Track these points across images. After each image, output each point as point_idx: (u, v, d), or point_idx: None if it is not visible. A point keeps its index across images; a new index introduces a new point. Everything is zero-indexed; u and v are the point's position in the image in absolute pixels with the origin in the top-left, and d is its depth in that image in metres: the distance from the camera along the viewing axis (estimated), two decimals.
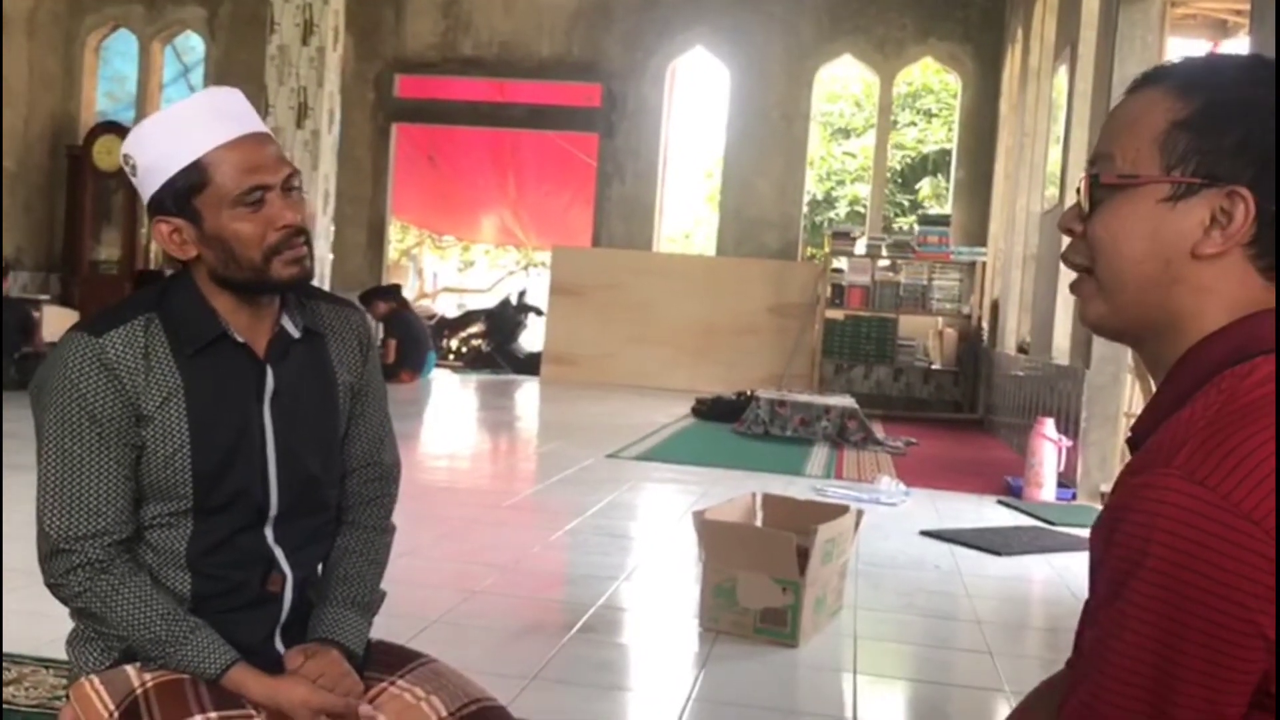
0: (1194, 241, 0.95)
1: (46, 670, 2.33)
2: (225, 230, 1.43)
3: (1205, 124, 0.94)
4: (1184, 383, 0.95)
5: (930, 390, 10.73)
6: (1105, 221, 0.99)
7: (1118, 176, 0.98)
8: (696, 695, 2.56)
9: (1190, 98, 0.95)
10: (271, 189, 1.43)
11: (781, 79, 11.28)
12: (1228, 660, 0.84)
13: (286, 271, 1.46)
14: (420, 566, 3.48)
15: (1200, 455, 0.86)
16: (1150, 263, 0.97)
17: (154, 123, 1.44)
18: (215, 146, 1.41)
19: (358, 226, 11.97)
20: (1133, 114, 0.99)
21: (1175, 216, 0.95)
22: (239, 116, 1.45)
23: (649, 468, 5.94)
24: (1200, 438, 0.87)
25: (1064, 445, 5.50)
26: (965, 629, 3.27)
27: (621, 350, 11.06)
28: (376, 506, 1.64)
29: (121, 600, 1.42)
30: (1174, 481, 0.85)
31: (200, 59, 12.34)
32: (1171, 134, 0.95)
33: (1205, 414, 0.89)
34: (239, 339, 1.49)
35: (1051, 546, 4.38)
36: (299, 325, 1.54)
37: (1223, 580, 0.83)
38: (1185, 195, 0.95)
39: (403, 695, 1.51)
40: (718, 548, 3.03)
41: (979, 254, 10.40)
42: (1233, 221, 0.93)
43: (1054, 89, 8.24)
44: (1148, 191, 0.96)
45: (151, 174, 1.43)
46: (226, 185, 1.41)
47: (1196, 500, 0.84)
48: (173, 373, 1.45)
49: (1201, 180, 0.94)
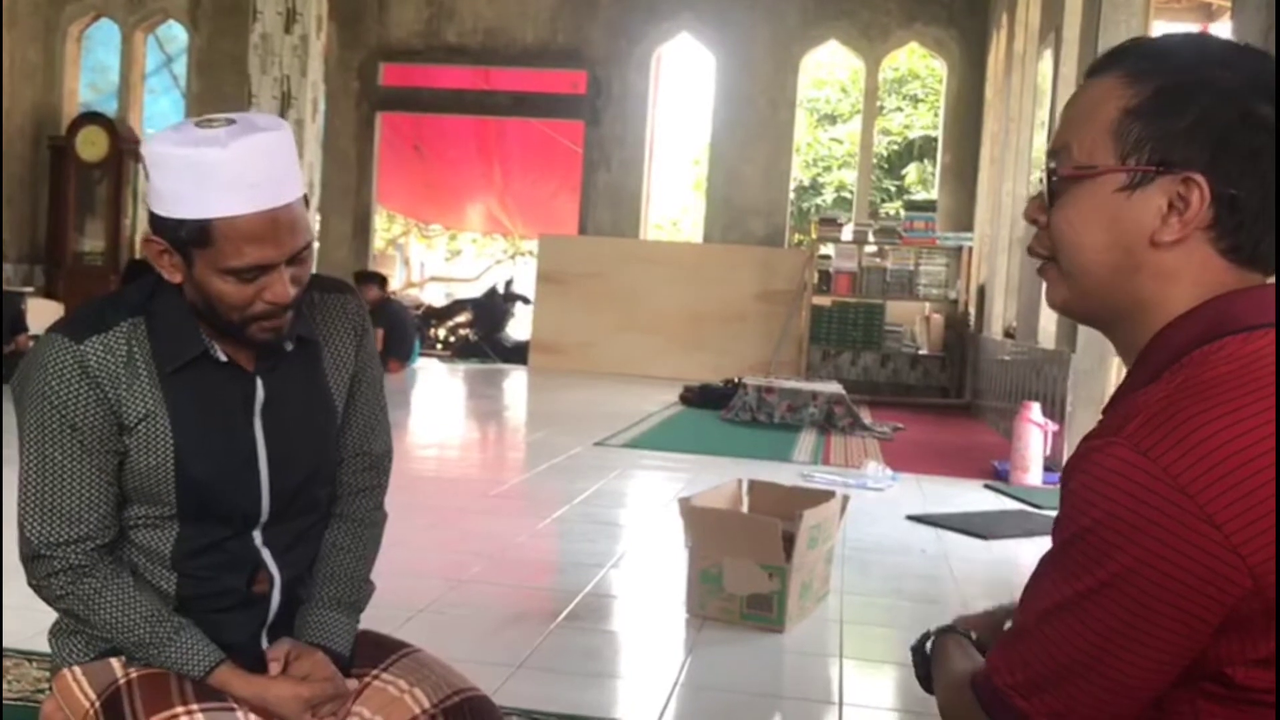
0: (1152, 229, 0.95)
1: (30, 663, 2.32)
2: (211, 287, 1.37)
3: (1157, 110, 0.94)
4: (1153, 364, 0.96)
5: (917, 376, 10.76)
6: (1065, 213, 0.99)
7: (1073, 168, 0.98)
8: (683, 681, 2.56)
9: (1142, 84, 0.95)
10: (274, 266, 1.36)
11: (767, 65, 11.26)
12: (1145, 628, 0.85)
13: (260, 336, 1.41)
14: (407, 555, 3.47)
15: (1149, 427, 0.87)
16: (1111, 252, 0.97)
17: (177, 159, 1.32)
18: (228, 215, 1.32)
19: (343, 216, 11.93)
20: (1087, 104, 0.99)
21: (1132, 205, 0.95)
22: (266, 184, 1.33)
23: (636, 455, 5.95)
24: (1153, 409, 0.88)
25: (1050, 429, 5.52)
26: (952, 613, 3.26)
27: (609, 338, 11.05)
28: (366, 497, 1.61)
29: (104, 603, 1.40)
30: (1119, 450, 0.87)
31: (183, 48, 12.26)
32: (1124, 122, 0.95)
33: (1166, 389, 0.90)
34: (222, 358, 1.44)
35: (1038, 530, 4.39)
36: (292, 335, 1.48)
37: (1151, 549, 0.84)
38: (1141, 184, 0.95)
39: (386, 688, 1.50)
40: (704, 534, 3.04)
41: (965, 239, 10.42)
42: (1189, 207, 0.93)
43: (1039, 74, 8.25)
44: (1104, 182, 0.96)
45: (159, 200, 1.36)
46: (226, 255, 1.34)
47: (1136, 470, 0.85)
48: (154, 386, 1.41)
49: (1156, 167, 0.94)
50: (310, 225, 1.42)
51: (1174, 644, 0.86)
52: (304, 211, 1.40)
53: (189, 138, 1.33)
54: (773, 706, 2.49)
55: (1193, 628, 0.85)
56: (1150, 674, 0.88)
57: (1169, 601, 0.84)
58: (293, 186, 1.37)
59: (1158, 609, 0.85)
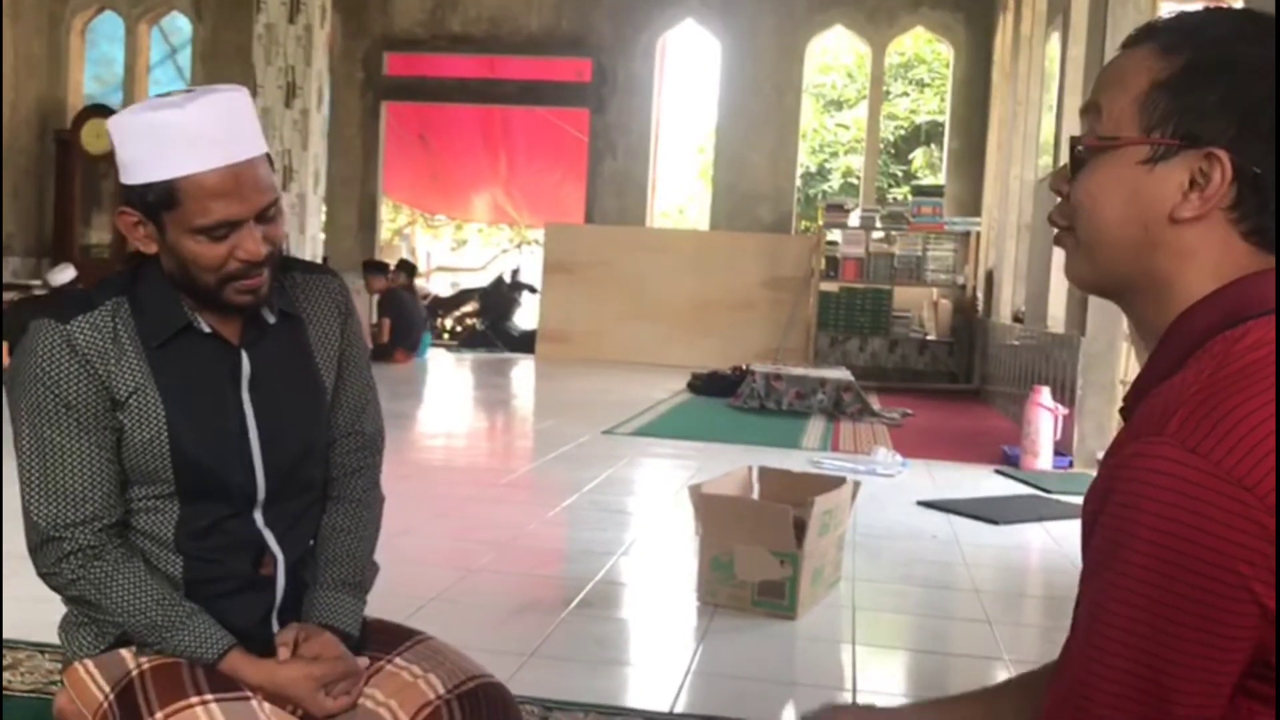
0: (1172, 205, 0.93)
1: (42, 655, 2.33)
2: (184, 250, 1.38)
3: (1185, 84, 0.92)
4: (1175, 350, 0.94)
5: (926, 361, 10.73)
6: (1086, 183, 0.97)
7: (1097, 139, 0.96)
8: (695, 668, 2.56)
9: (1173, 57, 0.93)
10: (242, 222, 1.38)
11: (773, 51, 11.22)
12: (1222, 630, 0.82)
13: (238, 299, 1.42)
14: (417, 545, 3.47)
15: (1193, 422, 0.84)
16: (1129, 226, 0.95)
17: (138, 124, 1.36)
18: (191, 173, 1.34)
19: (349, 207, 11.92)
20: (1118, 74, 0.97)
21: (1153, 179, 0.93)
22: (226, 141, 1.36)
23: (645, 443, 5.94)
24: (1192, 404, 0.85)
25: (1060, 414, 5.50)
26: (963, 598, 3.27)
27: (616, 327, 11.04)
28: (360, 477, 1.61)
29: (116, 586, 1.40)
30: (1166, 450, 0.84)
31: (187, 40, 12.25)
32: (1152, 94, 0.93)
33: (1198, 379, 0.87)
34: (205, 329, 1.45)
35: (1048, 515, 4.38)
36: (274, 309, 1.50)
37: (1216, 548, 0.81)
38: (1164, 157, 0.93)
39: (400, 674, 1.50)
40: (715, 521, 3.03)
41: (973, 224, 10.38)
42: (1210, 183, 0.91)
43: (1046, 57, 8.20)
44: (1127, 153, 0.94)
45: (125, 170, 1.39)
46: (194, 214, 1.36)
47: (1189, 469, 0.82)
48: (141, 361, 1.42)
49: (1180, 142, 0.92)
50: (275, 183, 1.44)
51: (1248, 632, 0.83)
52: (269, 170, 1.43)
53: (148, 105, 1.38)
54: (785, 693, 2.48)
55: (1267, 620, 0.82)
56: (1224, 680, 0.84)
57: (1244, 599, 0.81)
58: (254, 142, 1.40)
59: (1234, 607, 0.82)
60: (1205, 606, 0.82)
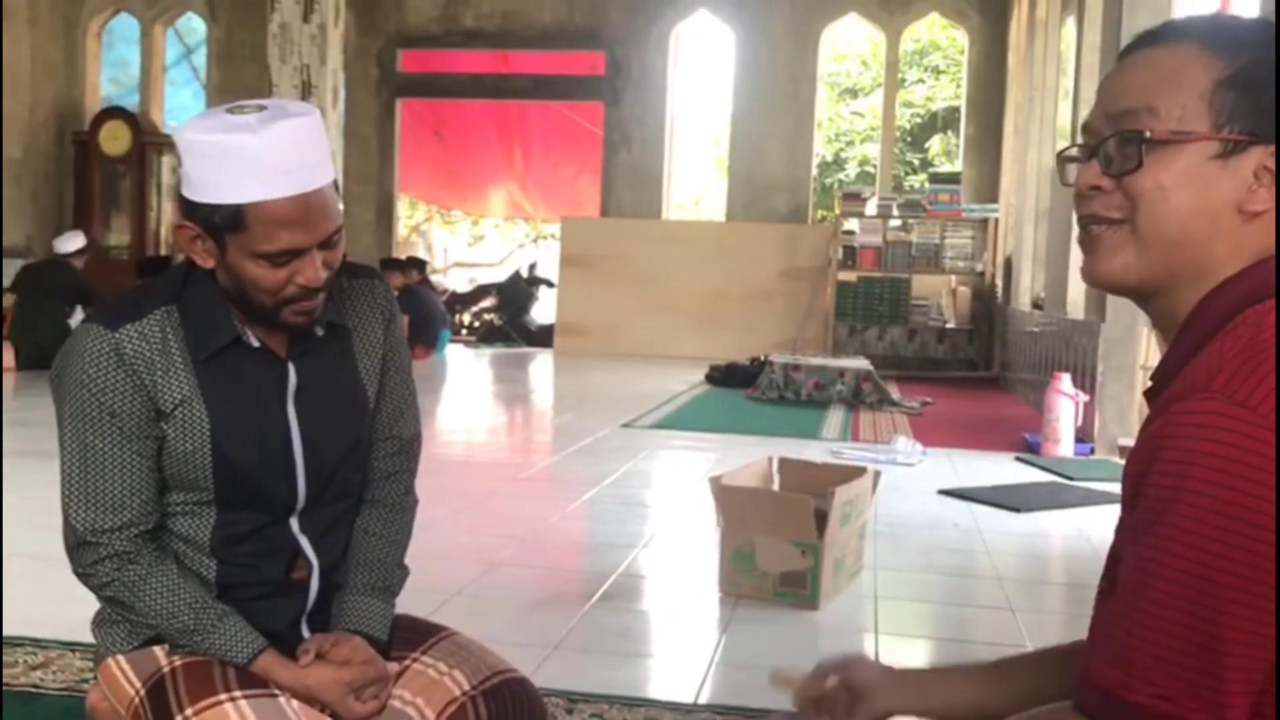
0: (1240, 199, 0.96)
1: (73, 654, 2.35)
2: (243, 271, 1.38)
3: (1249, 81, 0.95)
4: (1203, 327, 0.96)
5: (945, 349, 10.69)
6: (1154, 175, 0.98)
7: (1169, 133, 0.97)
8: (718, 659, 2.56)
9: (1231, 56, 0.96)
10: (306, 250, 1.38)
11: (787, 40, 11.18)
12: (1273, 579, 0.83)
13: (293, 320, 1.43)
14: (440, 540, 3.49)
15: (1239, 379, 0.86)
16: (1199, 219, 0.97)
17: (210, 145, 1.34)
18: (261, 200, 1.34)
19: (366, 204, 11.96)
20: (1165, 71, 0.99)
21: (1225, 174, 0.96)
22: (298, 170, 1.35)
23: (664, 436, 5.95)
24: (1235, 364, 0.87)
25: (1081, 400, 5.48)
26: (986, 586, 3.27)
27: (633, 319, 11.05)
28: (395, 481, 1.62)
29: (149, 590, 1.42)
30: (1214, 405, 0.85)
31: (202, 40, 12.30)
32: (1218, 92, 0.96)
33: (1236, 345, 0.90)
34: (255, 344, 1.46)
35: (1070, 501, 4.37)
36: (322, 321, 1.50)
37: (1269, 497, 0.82)
38: (1234, 153, 0.96)
39: (426, 671, 1.51)
40: (735, 513, 3.03)
41: (991, 211, 10.33)
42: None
43: (1062, 41, 8.15)
44: (1199, 148, 0.96)
45: (191, 186, 1.37)
46: (259, 240, 1.36)
47: (1239, 421, 0.84)
48: (189, 373, 1.42)
49: (1249, 138, 0.95)
50: (340, 209, 1.44)
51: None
52: (335, 196, 1.42)
53: (221, 124, 1.35)
54: None
55: None
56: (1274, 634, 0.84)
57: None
58: (324, 171, 1.39)
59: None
60: (1257, 556, 0.83)
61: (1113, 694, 0.88)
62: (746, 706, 2.24)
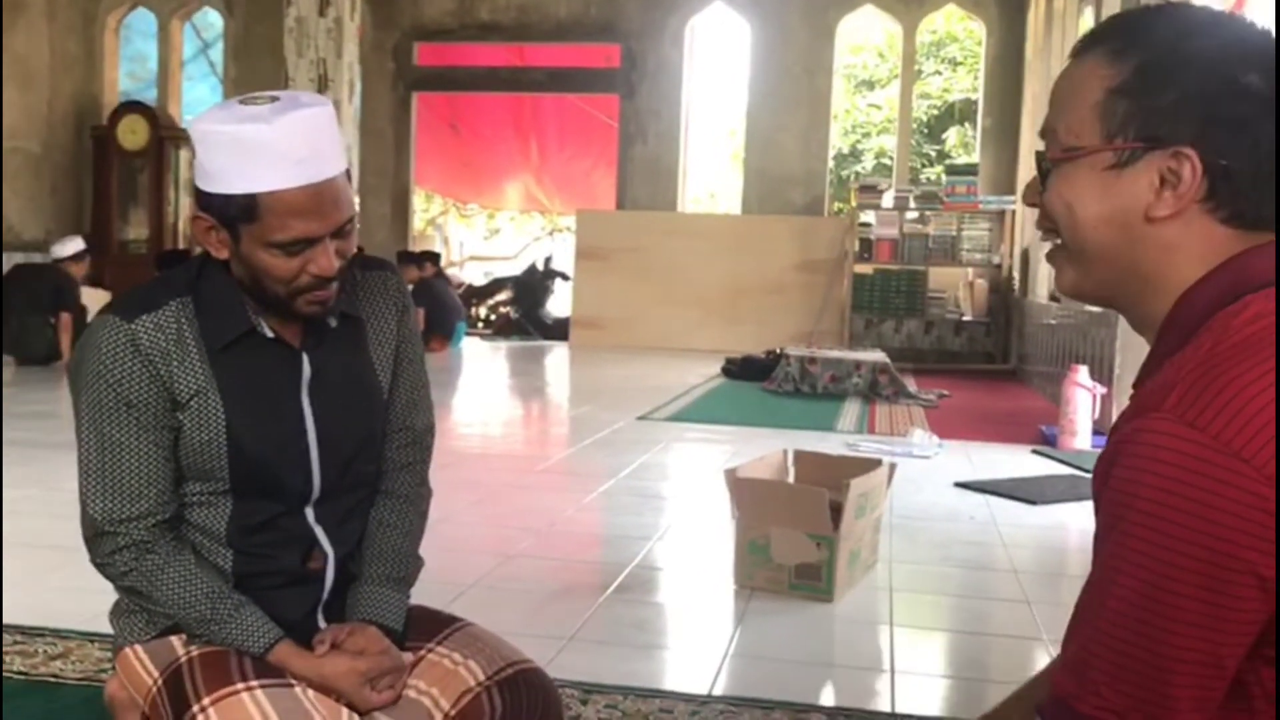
0: (1146, 205, 0.94)
1: (92, 644, 2.37)
2: (257, 261, 1.40)
3: (1140, 87, 0.93)
4: (1178, 332, 0.95)
5: (962, 342, 10.65)
6: (1058, 191, 0.99)
7: (1061, 151, 0.98)
8: (733, 651, 2.57)
9: (1123, 62, 0.95)
10: (319, 239, 1.40)
11: (803, 32, 11.15)
12: (1220, 601, 0.83)
13: (307, 309, 1.44)
14: (456, 532, 3.50)
15: (1191, 396, 0.85)
16: (1108, 227, 0.96)
17: (224, 135, 1.35)
18: (275, 189, 1.35)
19: (382, 198, 11.98)
20: (1070, 85, 0.99)
21: (1123, 182, 0.95)
22: (311, 160, 1.36)
23: (680, 428, 5.95)
24: (1190, 379, 0.86)
25: (1098, 392, 5.46)
26: (1002, 579, 3.26)
27: (649, 312, 11.04)
28: (409, 472, 1.63)
29: (166, 579, 1.43)
30: (1164, 425, 0.85)
31: (219, 34, 12.34)
32: (1108, 101, 0.95)
33: (1195, 355, 0.89)
34: (269, 334, 1.47)
35: (1088, 494, 4.33)
36: (336, 312, 1.51)
37: (1215, 519, 0.82)
38: (1130, 161, 0.94)
39: (441, 661, 1.52)
40: (751, 505, 3.03)
41: (1008, 203, 10.28)
42: (1181, 181, 0.93)
43: (1080, 31, 8.10)
44: (1092, 161, 0.96)
45: (206, 177, 1.39)
46: (272, 229, 1.37)
47: (1187, 442, 0.83)
48: (204, 363, 1.44)
49: (1144, 144, 0.94)
50: (353, 199, 1.45)
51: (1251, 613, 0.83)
52: (347, 185, 1.43)
53: (234, 115, 1.36)
54: (824, 675, 2.49)
55: (1267, 591, 0.83)
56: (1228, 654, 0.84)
57: (1242, 570, 0.82)
58: (336, 161, 1.40)
59: (1234, 579, 0.82)
60: (1202, 578, 0.82)
61: (1066, 704, 0.89)
62: (761, 698, 2.24)
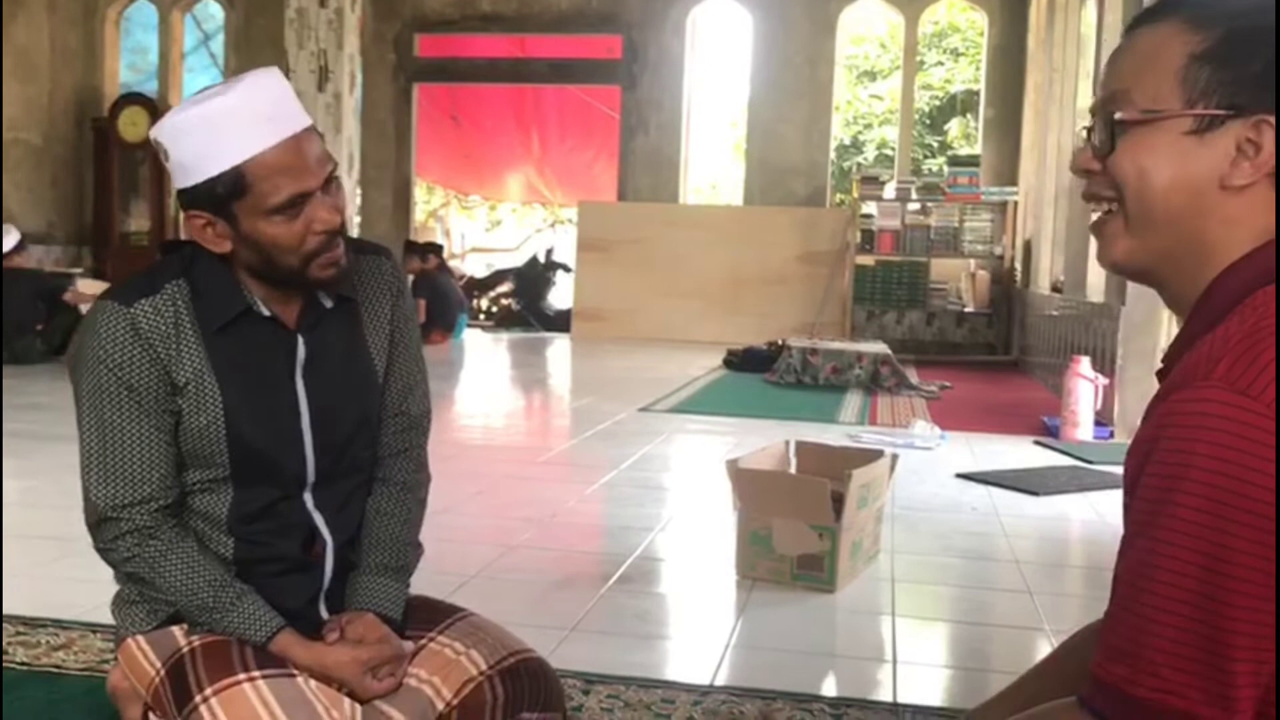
0: (1222, 173, 0.94)
1: (94, 635, 2.37)
2: (263, 236, 1.40)
3: (1226, 55, 0.93)
4: (1213, 309, 0.94)
5: (964, 333, 10.65)
6: (1131, 155, 0.97)
7: (1140, 113, 0.97)
8: (735, 642, 2.57)
9: (1208, 29, 0.94)
10: (311, 194, 1.40)
11: (804, 23, 11.12)
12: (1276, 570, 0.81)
13: (324, 274, 1.44)
14: (458, 523, 3.50)
15: (1240, 366, 0.84)
16: (1179, 195, 0.95)
17: (190, 119, 1.36)
18: (256, 154, 1.36)
19: (383, 189, 11.97)
20: (1147, 49, 0.97)
21: (1203, 149, 0.94)
22: (279, 117, 1.38)
23: (682, 420, 5.95)
24: (1239, 350, 0.85)
25: (1100, 383, 5.45)
26: (1004, 569, 3.26)
27: (651, 304, 11.04)
28: (405, 459, 1.63)
29: (169, 566, 1.43)
30: (1215, 393, 0.84)
31: (220, 26, 12.31)
32: (1191, 67, 0.94)
33: (1240, 329, 0.88)
34: (265, 313, 1.47)
35: (1090, 485, 4.35)
36: (332, 294, 1.51)
37: (1271, 487, 0.80)
38: (1210, 128, 0.94)
39: (443, 650, 1.52)
40: (752, 496, 3.03)
41: (1010, 194, 10.27)
42: (1261, 151, 0.92)
43: (1082, 22, 8.08)
44: (1171, 125, 0.95)
45: (186, 171, 1.39)
46: (267, 194, 1.37)
47: (1240, 409, 0.82)
48: (200, 346, 1.43)
49: (1226, 112, 0.93)
50: (329, 152, 1.46)
51: None
52: (321, 140, 1.44)
53: (192, 102, 1.39)
54: (826, 665, 2.49)
55: None
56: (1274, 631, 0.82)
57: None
58: (301, 116, 1.42)
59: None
60: (1261, 546, 0.81)
61: (1119, 690, 0.86)
62: (762, 689, 2.24)
